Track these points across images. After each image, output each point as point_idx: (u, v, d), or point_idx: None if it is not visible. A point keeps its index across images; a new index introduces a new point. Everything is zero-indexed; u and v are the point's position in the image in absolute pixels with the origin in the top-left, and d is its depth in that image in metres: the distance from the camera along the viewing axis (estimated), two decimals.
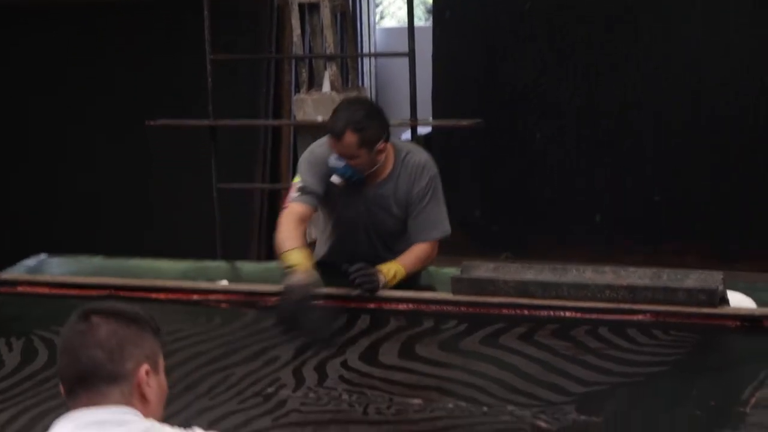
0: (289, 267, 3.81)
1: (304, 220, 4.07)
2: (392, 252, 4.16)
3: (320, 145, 4.16)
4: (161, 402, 2.02)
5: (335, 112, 4.03)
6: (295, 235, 3.96)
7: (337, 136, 3.95)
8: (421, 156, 4.19)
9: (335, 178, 4.05)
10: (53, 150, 7.92)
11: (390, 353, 3.43)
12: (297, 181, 4.13)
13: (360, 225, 4.20)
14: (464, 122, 6.55)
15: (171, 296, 4.05)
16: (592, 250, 7.37)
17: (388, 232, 4.19)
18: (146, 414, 1.96)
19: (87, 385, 1.92)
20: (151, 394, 1.96)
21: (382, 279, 3.88)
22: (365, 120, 3.97)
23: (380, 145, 4.00)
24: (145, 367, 1.95)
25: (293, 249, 3.88)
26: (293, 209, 4.06)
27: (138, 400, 1.94)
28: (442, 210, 4.17)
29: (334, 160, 4.02)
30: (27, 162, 8.01)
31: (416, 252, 4.09)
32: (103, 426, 1.90)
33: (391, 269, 3.94)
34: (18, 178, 8.01)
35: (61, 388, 1.98)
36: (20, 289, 4.24)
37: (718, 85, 7.33)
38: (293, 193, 4.09)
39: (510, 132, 7.80)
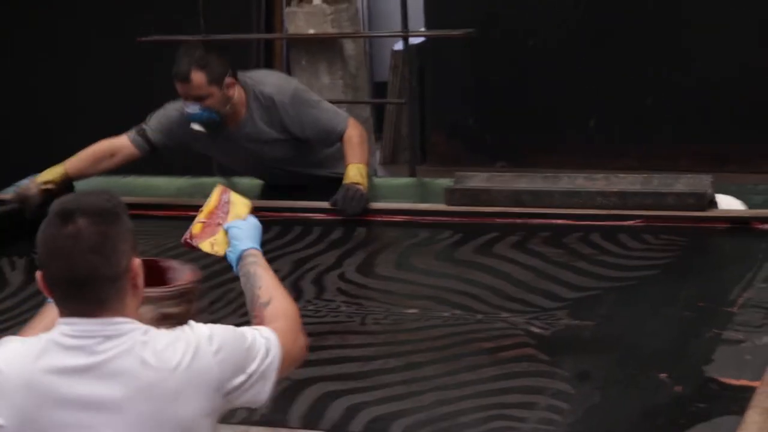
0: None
1: (113, 154, 4.19)
2: (313, 164, 4.23)
3: (175, 104, 4.17)
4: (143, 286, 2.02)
5: (176, 59, 4.01)
6: (81, 156, 4.18)
7: (185, 78, 3.94)
8: (267, 86, 4.12)
9: (195, 125, 4.04)
10: (39, 64, 7.90)
11: (386, 265, 3.50)
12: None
13: (255, 163, 4.24)
14: (456, 32, 6.52)
15: (169, 213, 4.10)
16: (587, 156, 7.41)
17: (288, 156, 4.18)
18: (137, 299, 1.97)
19: (85, 289, 1.90)
20: (140, 281, 1.97)
21: (361, 189, 3.89)
22: (206, 56, 3.97)
23: (228, 80, 3.99)
24: (137, 261, 1.96)
25: (57, 165, 4.13)
26: (113, 140, 4.21)
27: (131, 290, 1.94)
28: (326, 106, 4.17)
29: (188, 108, 4.01)
30: (18, 76, 7.99)
31: (351, 143, 4.05)
32: (94, 334, 1.89)
33: (356, 173, 3.94)
34: (13, 99, 8.00)
35: (47, 290, 1.94)
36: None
37: None
38: (129, 131, 4.19)
39: (502, 40, 7.78)
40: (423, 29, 7.75)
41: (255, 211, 3.97)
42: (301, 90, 4.19)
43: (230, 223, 2.45)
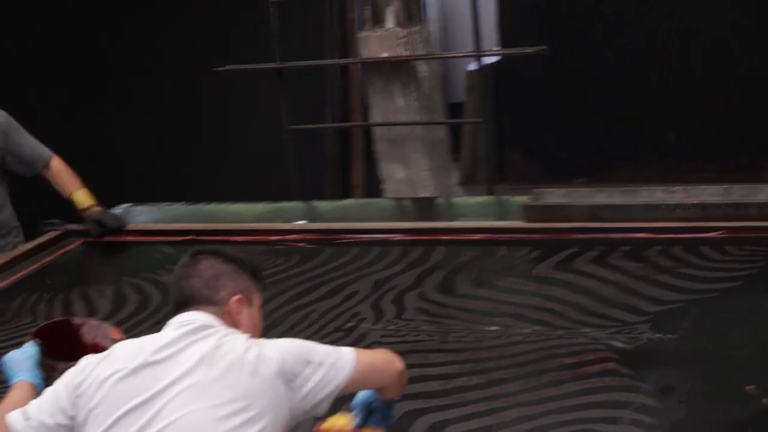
0: None
1: None
2: None
3: None
4: (256, 335, 2.16)
5: None
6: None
7: None
8: None
9: None
10: (118, 101, 8.05)
11: (466, 283, 3.50)
12: None
13: None
14: (529, 50, 6.51)
15: (250, 238, 4.16)
16: (667, 171, 7.34)
17: None
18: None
19: (186, 307, 2.14)
20: (242, 323, 2.14)
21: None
22: None
23: None
24: (237, 297, 2.14)
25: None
26: None
27: (230, 324, 2.12)
28: (31, 139, 4.27)
29: None
30: (99, 113, 8.15)
31: (64, 172, 4.24)
32: (191, 322, 2.10)
33: (88, 198, 4.23)
34: (90, 129, 8.15)
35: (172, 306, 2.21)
36: (107, 238, 4.37)
37: None
38: None
39: (577, 56, 7.75)
40: (497, 48, 7.75)
41: (335, 233, 4.06)
42: (10, 121, 4.25)
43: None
